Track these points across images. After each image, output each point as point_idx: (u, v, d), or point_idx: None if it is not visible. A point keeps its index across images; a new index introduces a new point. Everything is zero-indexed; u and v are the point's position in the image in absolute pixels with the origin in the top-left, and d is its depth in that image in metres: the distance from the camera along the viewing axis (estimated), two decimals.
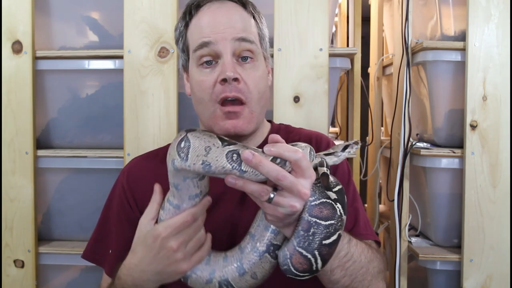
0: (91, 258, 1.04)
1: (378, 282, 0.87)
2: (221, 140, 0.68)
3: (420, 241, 1.66)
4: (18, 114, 1.48)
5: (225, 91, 0.91)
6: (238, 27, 0.93)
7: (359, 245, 0.84)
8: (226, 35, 0.91)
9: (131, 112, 1.44)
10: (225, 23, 0.92)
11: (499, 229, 1.47)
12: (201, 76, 0.94)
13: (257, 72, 0.95)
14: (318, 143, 1.05)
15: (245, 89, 0.92)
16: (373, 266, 0.86)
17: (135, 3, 1.43)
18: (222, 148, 0.67)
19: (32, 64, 1.47)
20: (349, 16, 1.91)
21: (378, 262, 0.88)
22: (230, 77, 0.89)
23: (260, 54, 0.98)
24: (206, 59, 0.93)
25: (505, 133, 1.46)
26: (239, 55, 0.93)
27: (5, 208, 1.49)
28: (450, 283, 1.55)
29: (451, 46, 1.50)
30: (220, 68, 0.91)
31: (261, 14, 1.01)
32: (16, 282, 1.50)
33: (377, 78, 2.06)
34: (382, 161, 2.07)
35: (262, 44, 1.00)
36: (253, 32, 0.96)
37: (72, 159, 1.51)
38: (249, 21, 0.96)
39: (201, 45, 0.92)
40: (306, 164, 0.68)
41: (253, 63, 0.94)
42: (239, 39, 0.92)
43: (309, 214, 0.73)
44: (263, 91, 0.96)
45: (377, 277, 0.87)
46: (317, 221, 0.72)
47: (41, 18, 1.52)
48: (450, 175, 1.54)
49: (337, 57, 1.51)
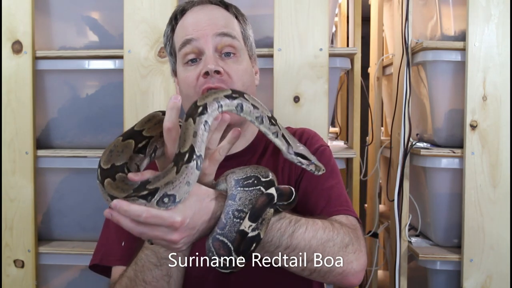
0: (99, 259, 1.01)
1: (347, 256, 0.84)
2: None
3: (420, 241, 1.66)
4: (18, 114, 1.48)
5: (208, 83, 0.94)
6: (220, 24, 0.97)
7: (308, 231, 0.82)
8: (207, 31, 0.96)
9: (131, 112, 1.44)
10: (207, 21, 0.97)
11: (499, 229, 1.47)
12: (186, 72, 0.98)
13: (240, 66, 0.98)
14: (299, 137, 1.06)
15: (228, 80, 0.95)
16: (333, 244, 0.83)
17: (135, 3, 1.44)
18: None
19: (32, 64, 1.47)
20: (349, 16, 1.91)
21: (340, 237, 0.85)
22: (212, 69, 0.92)
23: (244, 50, 1.01)
24: (191, 57, 0.97)
25: (505, 133, 1.46)
26: (221, 51, 0.97)
27: (5, 208, 1.49)
28: (450, 283, 1.55)
29: (451, 46, 1.50)
30: (203, 63, 0.95)
31: (245, 17, 1.06)
32: (16, 282, 1.50)
33: (377, 78, 2.07)
34: (382, 161, 2.07)
35: (246, 43, 1.03)
36: (235, 30, 1.00)
37: (72, 159, 1.51)
38: (231, 20, 1.01)
39: (184, 43, 0.97)
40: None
41: (235, 58, 0.98)
42: (220, 34, 0.96)
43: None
44: (248, 84, 0.99)
45: (342, 252, 0.84)
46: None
47: (41, 18, 1.52)
48: (450, 175, 1.54)
49: (337, 57, 1.51)
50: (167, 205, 0.68)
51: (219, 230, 0.75)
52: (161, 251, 0.81)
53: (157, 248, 0.81)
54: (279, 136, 0.84)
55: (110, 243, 1.00)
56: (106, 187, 0.72)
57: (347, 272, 0.84)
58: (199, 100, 0.75)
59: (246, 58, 1.01)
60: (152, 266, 0.82)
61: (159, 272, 0.81)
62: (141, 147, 0.78)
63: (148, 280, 0.82)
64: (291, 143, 0.84)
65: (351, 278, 0.85)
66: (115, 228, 0.99)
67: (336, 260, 0.83)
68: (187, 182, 0.69)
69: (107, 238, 1.02)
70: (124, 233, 0.96)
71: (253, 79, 1.03)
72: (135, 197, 0.67)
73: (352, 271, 0.85)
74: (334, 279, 0.85)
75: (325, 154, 1.03)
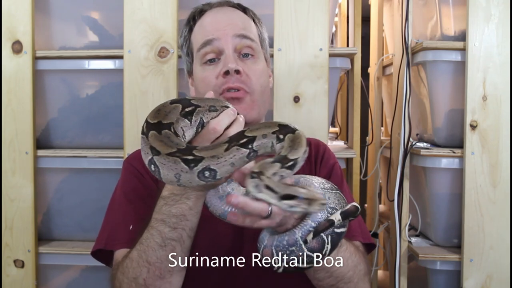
0: (104, 244, 0.98)
1: (364, 284, 0.89)
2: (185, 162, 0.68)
3: (420, 241, 1.66)
4: (18, 114, 1.48)
5: (228, 82, 0.95)
6: (239, 25, 0.99)
7: (348, 250, 0.86)
8: (227, 31, 0.97)
9: (131, 112, 1.44)
10: (226, 21, 0.99)
11: (499, 229, 1.47)
12: (205, 72, 0.98)
13: (258, 67, 1.00)
14: (316, 150, 1.08)
15: (247, 80, 0.96)
16: (360, 269, 0.88)
17: (135, 3, 1.43)
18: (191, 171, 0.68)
19: (32, 64, 1.47)
20: (349, 16, 1.91)
21: (364, 265, 0.90)
22: (232, 68, 0.94)
23: (261, 53, 1.03)
24: (210, 57, 0.98)
25: (505, 133, 1.46)
26: (240, 52, 0.98)
27: (5, 208, 1.49)
28: (450, 283, 1.55)
29: (451, 46, 1.50)
30: (223, 62, 0.96)
31: (261, 21, 1.08)
32: (16, 282, 1.50)
33: (377, 78, 2.06)
34: (382, 161, 2.07)
35: (262, 45, 1.05)
36: (253, 32, 1.02)
37: (72, 159, 1.51)
38: (249, 22, 1.03)
39: (205, 43, 0.98)
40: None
41: (254, 59, 1.00)
42: (240, 35, 0.97)
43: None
44: (265, 85, 1.01)
45: (363, 279, 0.89)
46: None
47: (41, 18, 1.52)
48: (450, 175, 1.54)
49: (337, 57, 1.52)
50: (206, 180, 0.68)
51: (315, 223, 0.76)
52: (165, 231, 0.80)
53: (161, 227, 0.80)
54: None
55: (115, 227, 0.97)
56: (150, 139, 0.71)
57: None
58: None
59: (263, 60, 1.03)
60: (157, 246, 0.80)
61: (163, 253, 0.80)
62: (188, 112, 0.77)
63: (152, 261, 0.81)
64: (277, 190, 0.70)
65: None
66: (121, 212, 0.98)
67: (359, 285, 0.88)
68: (231, 163, 0.69)
69: (112, 222, 0.99)
70: (132, 218, 0.96)
71: (268, 81, 1.05)
72: (178, 157, 0.67)
73: None
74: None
75: (339, 172, 1.07)
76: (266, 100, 1.03)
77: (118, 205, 1.00)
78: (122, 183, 1.03)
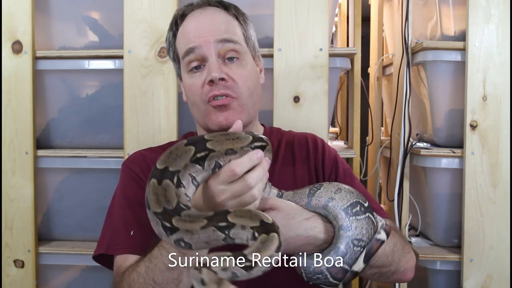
0: (105, 249, 0.98)
1: (405, 256, 0.92)
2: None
3: (420, 241, 1.66)
4: (18, 114, 1.48)
5: (213, 90, 0.95)
6: (221, 29, 0.98)
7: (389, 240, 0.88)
8: (209, 38, 0.96)
9: (131, 112, 1.44)
10: (208, 27, 0.97)
11: (499, 229, 1.47)
12: (191, 80, 0.99)
13: (244, 70, 0.98)
14: (313, 144, 1.08)
15: (233, 85, 0.96)
16: (398, 249, 0.90)
17: (135, 3, 1.43)
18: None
19: (32, 64, 1.47)
20: (349, 16, 1.91)
21: (400, 242, 0.92)
22: (216, 77, 0.94)
23: (247, 53, 1.01)
24: (195, 65, 0.98)
25: (505, 133, 1.46)
26: (224, 56, 0.97)
27: (5, 208, 1.49)
28: (450, 283, 1.55)
29: (451, 46, 1.50)
30: (207, 71, 0.96)
31: (245, 16, 1.05)
32: (16, 282, 1.50)
33: (377, 78, 2.06)
34: (382, 161, 2.07)
35: (248, 43, 1.03)
36: (236, 33, 1.00)
37: (72, 159, 1.51)
38: (231, 23, 1.01)
39: (187, 51, 0.97)
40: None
41: (239, 62, 0.98)
42: (222, 40, 0.96)
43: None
44: (253, 87, 0.99)
45: (403, 253, 0.92)
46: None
47: (41, 18, 1.52)
48: (450, 175, 1.54)
49: (337, 57, 1.51)
50: (184, 247, 0.67)
51: (339, 258, 0.79)
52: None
53: (172, 249, 0.79)
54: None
55: (116, 231, 0.97)
56: (148, 187, 0.69)
57: (407, 270, 0.94)
58: None
59: (250, 60, 1.02)
60: (164, 267, 0.80)
61: (170, 275, 0.80)
62: (200, 157, 0.72)
63: (158, 281, 0.81)
64: None
65: (408, 274, 0.95)
66: (121, 217, 0.98)
67: (400, 262, 0.91)
68: (206, 242, 0.66)
69: (112, 227, 0.99)
70: (132, 222, 0.96)
71: (257, 81, 1.04)
72: (158, 219, 0.66)
73: (409, 268, 0.95)
74: (396, 277, 0.93)
75: (344, 163, 1.09)
76: (256, 99, 1.02)
77: (118, 209, 1.00)
78: (121, 187, 1.03)
